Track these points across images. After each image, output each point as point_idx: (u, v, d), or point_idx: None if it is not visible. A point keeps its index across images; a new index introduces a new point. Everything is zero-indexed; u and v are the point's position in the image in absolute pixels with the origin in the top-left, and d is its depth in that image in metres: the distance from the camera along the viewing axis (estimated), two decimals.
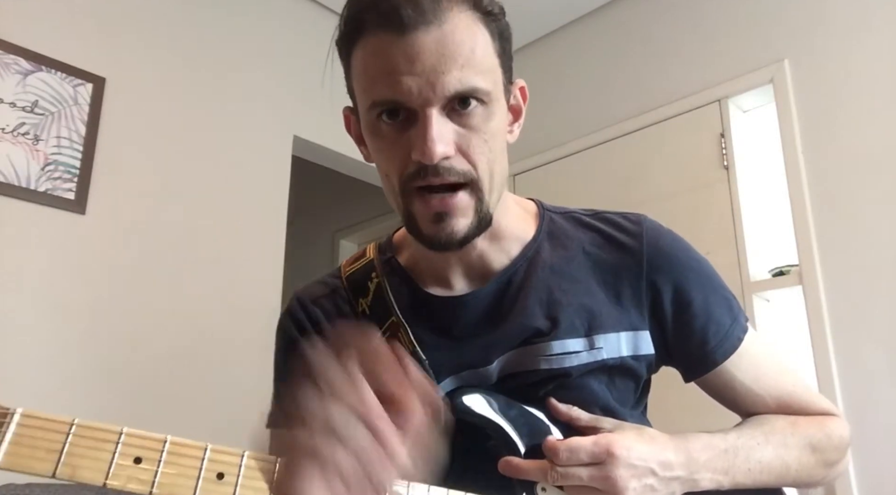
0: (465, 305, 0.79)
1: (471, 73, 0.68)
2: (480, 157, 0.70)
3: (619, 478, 0.66)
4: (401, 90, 0.67)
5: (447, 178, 0.68)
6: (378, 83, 0.69)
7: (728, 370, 0.80)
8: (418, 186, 0.69)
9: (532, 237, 0.82)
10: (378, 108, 0.70)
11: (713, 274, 0.83)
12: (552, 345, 0.75)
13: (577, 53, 2.89)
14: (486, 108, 0.70)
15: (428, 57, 0.66)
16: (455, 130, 0.69)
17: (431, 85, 0.66)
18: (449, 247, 0.71)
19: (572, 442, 0.68)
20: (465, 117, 0.69)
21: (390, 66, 0.67)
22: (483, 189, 0.71)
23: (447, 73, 0.66)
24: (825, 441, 0.80)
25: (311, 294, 0.86)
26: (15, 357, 1.82)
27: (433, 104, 0.67)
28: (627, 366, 0.77)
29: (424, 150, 0.66)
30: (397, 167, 0.71)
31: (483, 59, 0.69)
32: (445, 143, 0.67)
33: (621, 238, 0.81)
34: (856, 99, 2.08)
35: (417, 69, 0.66)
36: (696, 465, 0.71)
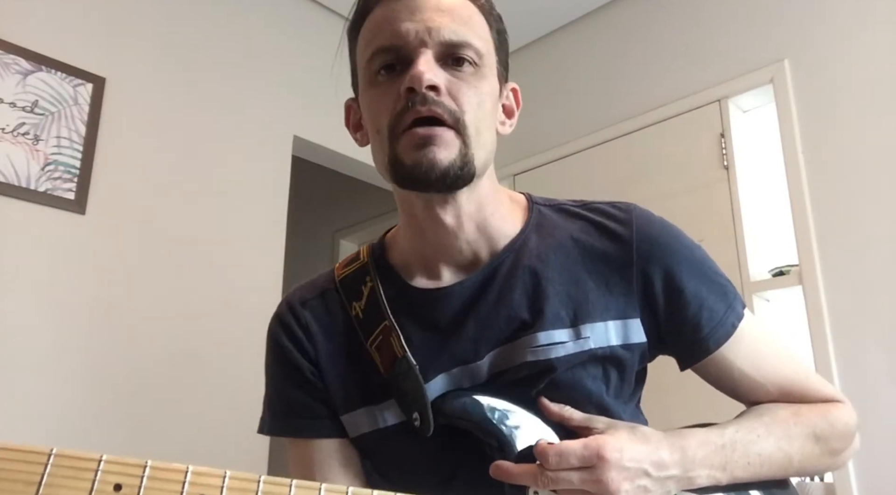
0: (449, 296, 0.78)
1: (466, 30, 0.73)
2: (468, 105, 0.72)
3: (611, 481, 0.65)
4: (399, 33, 0.72)
5: (434, 109, 0.70)
6: (379, 34, 0.74)
7: (725, 357, 0.79)
8: (405, 127, 0.70)
9: (520, 229, 0.81)
10: (378, 57, 0.73)
11: (706, 260, 0.81)
12: (538, 337, 0.74)
13: (577, 53, 2.89)
14: (478, 70, 0.74)
15: (427, 8, 0.73)
16: (446, 76, 0.72)
17: (427, 30, 0.71)
18: (429, 177, 0.70)
19: (562, 446, 0.67)
20: (456, 71, 0.73)
21: (392, 17, 0.73)
22: (469, 135, 0.71)
23: (444, 24, 0.72)
24: (829, 429, 0.78)
25: (300, 298, 0.85)
26: (15, 357, 1.82)
27: (428, 46, 0.71)
28: (618, 356, 0.76)
29: (414, 75, 0.69)
30: (388, 110, 0.72)
31: (479, 29, 0.75)
32: (435, 75, 0.70)
33: (610, 226, 0.80)
34: (856, 98, 2.08)
35: (417, 17, 0.72)
36: (691, 463, 0.70)
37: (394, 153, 0.72)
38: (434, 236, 0.78)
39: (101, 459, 0.48)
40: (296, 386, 0.81)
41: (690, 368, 0.81)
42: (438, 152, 0.69)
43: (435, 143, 0.69)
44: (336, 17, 2.84)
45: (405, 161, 0.71)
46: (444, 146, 0.70)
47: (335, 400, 0.80)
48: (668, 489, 0.69)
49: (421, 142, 0.69)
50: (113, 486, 0.48)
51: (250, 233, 2.41)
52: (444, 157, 0.70)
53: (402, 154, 0.71)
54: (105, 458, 0.48)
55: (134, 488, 0.48)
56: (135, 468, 0.49)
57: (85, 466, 0.48)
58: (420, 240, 0.80)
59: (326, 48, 2.77)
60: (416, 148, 0.70)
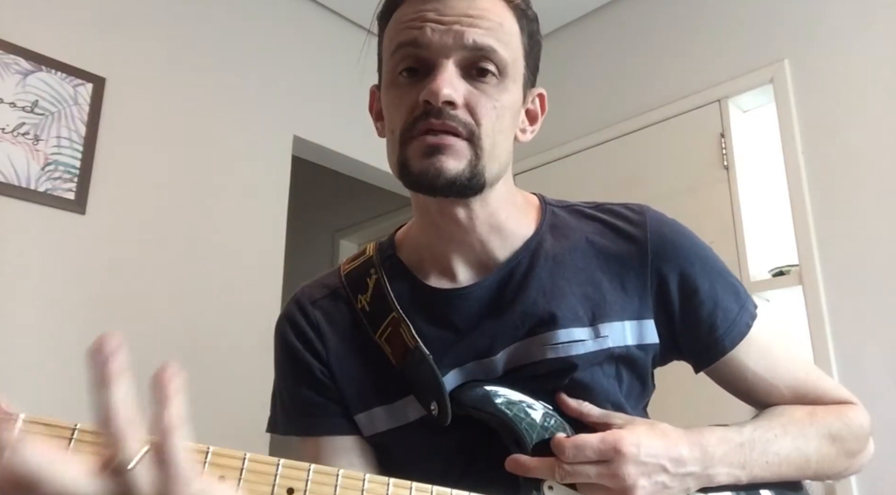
0: (467, 297, 0.78)
1: (493, 38, 0.71)
2: (486, 119, 0.71)
3: (628, 476, 0.65)
4: (424, 37, 0.70)
5: (448, 123, 0.69)
6: (405, 29, 0.72)
7: (739, 358, 0.79)
8: (417, 134, 0.70)
9: (535, 230, 0.81)
10: (401, 51, 0.72)
11: (718, 261, 0.82)
12: (558, 334, 0.74)
13: (576, 53, 2.89)
14: (501, 82, 0.72)
15: (455, 12, 0.71)
16: (467, 88, 0.71)
17: (452, 34, 0.70)
18: (435, 184, 0.70)
19: (579, 439, 0.67)
20: (478, 82, 0.71)
21: (419, 14, 0.71)
22: (483, 147, 0.71)
23: (470, 27, 0.70)
24: (845, 430, 0.78)
25: (309, 296, 0.85)
26: (15, 357, 1.82)
27: (450, 55, 0.70)
28: (633, 356, 0.76)
29: (432, 89, 0.68)
30: (404, 114, 0.72)
31: (507, 36, 0.73)
32: (454, 89, 0.69)
33: (625, 227, 0.80)
34: (856, 99, 2.08)
35: (444, 20, 0.70)
36: (711, 460, 0.69)
37: (403, 156, 0.72)
38: (447, 232, 0.78)
39: None
40: (307, 386, 0.81)
41: (704, 371, 0.81)
42: (446, 161, 0.69)
43: (444, 152, 0.69)
44: (336, 18, 2.84)
45: (413, 167, 0.71)
46: (453, 156, 0.70)
47: (347, 399, 0.80)
48: (687, 486, 0.69)
49: (430, 150, 0.69)
50: None
51: (250, 233, 2.41)
52: (451, 167, 0.69)
53: (411, 159, 0.71)
54: None
55: None
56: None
57: None
58: (434, 237, 0.80)
59: (327, 48, 2.77)
60: (424, 155, 0.70)
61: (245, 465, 0.50)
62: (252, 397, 2.25)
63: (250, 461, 0.51)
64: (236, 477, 0.50)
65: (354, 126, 2.66)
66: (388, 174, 0.78)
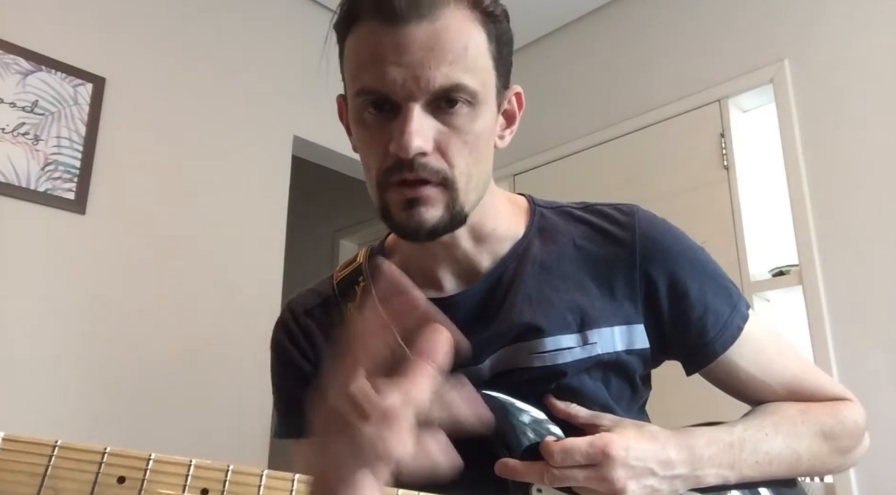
0: (454, 306, 0.77)
1: (459, 71, 0.67)
2: (458, 159, 0.69)
3: (617, 480, 0.65)
4: (385, 81, 0.67)
5: (420, 174, 0.68)
6: (365, 71, 0.68)
7: (731, 359, 0.78)
8: (393, 183, 0.69)
9: (522, 234, 0.81)
10: (363, 97, 0.69)
11: (709, 262, 0.81)
12: (545, 342, 0.74)
13: (577, 53, 2.89)
14: (473, 109, 0.69)
15: (416, 50, 0.66)
16: (436, 128, 0.68)
17: (416, 78, 0.66)
18: (418, 235, 0.70)
19: (567, 443, 0.67)
20: (449, 116, 0.69)
21: (378, 55, 0.67)
22: (458, 189, 0.70)
23: (434, 68, 0.66)
24: (838, 427, 0.78)
25: (303, 305, 0.86)
26: (14, 357, 1.82)
27: (416, 98, 0.67)
28: (622, 362, 0.76)
29: (401, 143, 0.66)
30: (377, 159, 0.71)
31: (475, 59, 0.69)
32: (424, 139, 0.67)
33: (613, 230, 0.79)
34: (856, 99, 2.08)
35: (404, 61, 0.66)
36: (699, 462, 0.69)
37: (383, 203, 0.72)
38: (431, 250, 0.78)
39: (105, 452, 0.49)
40: (300, 389, 0.81)
41: (697, 373, 0.81)
42: (425, 213, 0.69)
43: (422, 204, 0.69)
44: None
45: (394, 218, 0.71)
46: (430, 205, 0.69)
47: None
48: (675, 488, 0.69)
49: (407, 203, 0.69)
50: (116, 478, 0.48)
51: (250, 233, 2.41)
52: (430, 217, 0.69)
53: (392, 209, 0.71)
54: (109, 450, 0.49)
55: (137, 481, 0.48)
56: (138, 461, 0.49)
57: (89, 458, 0.48)
58: (418, 252, 0.80)
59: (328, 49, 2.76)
60: (403, 207, 0.70)
61: (228, 477, 0.50)
62: (252, 397, 2.25)
63: (233, 473, 0.50)
64: (219, 490, 0.49)
65: None
66: None
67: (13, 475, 0.46)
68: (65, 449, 0.47)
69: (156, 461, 0.49)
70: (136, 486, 0.48)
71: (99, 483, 0.48)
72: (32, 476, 0.47)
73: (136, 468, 0.49)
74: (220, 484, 0.50)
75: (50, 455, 0.47)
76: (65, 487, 0.47)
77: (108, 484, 0.48)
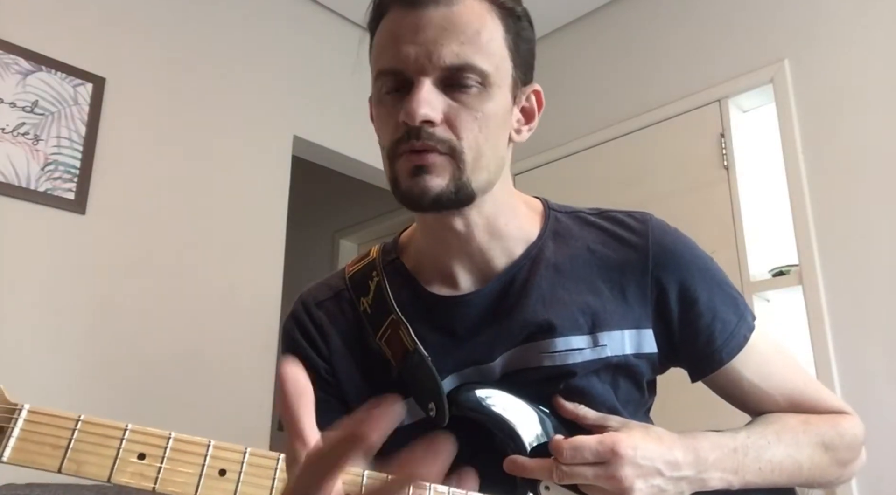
0: (467, 304, 0.79)
1: (470, 50, 0.70)
2: (467, 132, 0.71)
3: (625, 478, 0.65)
4: (400, 57, 0.70)
5: (427, 143, 0.70)
6: (384, 53, 0.72)
7: (735, 368, 0.79)
8: (402, 152, 0.71)
9: (537, 236, 0.82)
10: (381, 79, 0.73)
11: (719, 272, 0.82)
12: (555, 342, 0.74)
13: (577, 53, 2.89)
14: (485, 90, 0.71)
15: (431, 29, 0.70)
16: (447, 103, 0.71)
17: (428, 54, 0.69)
18: (422, 201, 0.71)
19: (577, 440, 0.67)
20: (460, 94, 0.71)
21: (396, 36, 0.71)
22: (465, 161, 0.71)
23: (445, 45, 0.69)
24: (838, 439, 0.79)
25: (315, 298, 0.87)
26: (15, 357, 1.82)
27: (427, 73, 0.70)
28: (630, 365, 0.77)
29: (408, 110, 0.69)
30: (390, 133, 0.73)
31: (488, 43, 0.72)
32: (431, 108, 0.69)
33: (626, 236, 0.80)
34: (856, 98, 2.08)
35: (419, 39, 0.70)
36: (704, 465, 0.70)
37: (393, 174, 0.73)
38: (446, 242, 0.79)
39: (127, 428, 0.50)
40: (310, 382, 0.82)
41: (701, 380, 0.82)
42: (430, 180, 0.70)
43: (427, 171, 0.70)
44: (336, 18, 2.84)
45: (401, 185, 0.72)
46: (435, 173, 0.70)
47: (350, 398, 0.81)
48: (681, 490, 0.69)
49: (414, 169, 0.71)
50: (137, 455, 0.50)
51: (250, 233, 2.41)
52: (435, 185, 0.70)
53: (400, 178, 0.72)
54: (130, 427, 0.50)
55: (157, 458, 0.50)
56: (159, 439, 0.50)
57: (111, 433, 0.50)
58: (434, 246, 0.81)
59: (326, 48, 2.77)
60: (410, 174, 0.71)
61: (246, 459, 0.51)
62: (252, 396, 2.25)
63: (251, 455, 0.52)
64: (237, 471, 0.50)
65: (354, 126, 2.66)
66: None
67: (37, 446, 0.48)
68: (87, 424, 0.49)
69: (176, 440, 0.51)
70: (156, 463, 0.50)
71: (120, 458, 0.49)
72: (56, 448, 0.48)
73: (156, 446, 0.50)
74: (237, 464, 0.51)
75: (73, 429, 0.49)
76: (87, 460, 0.48)
77: (128, 460, 0.49)
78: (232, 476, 0.51)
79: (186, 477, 0.50)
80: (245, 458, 0.52)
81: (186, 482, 0.49)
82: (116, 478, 0.48)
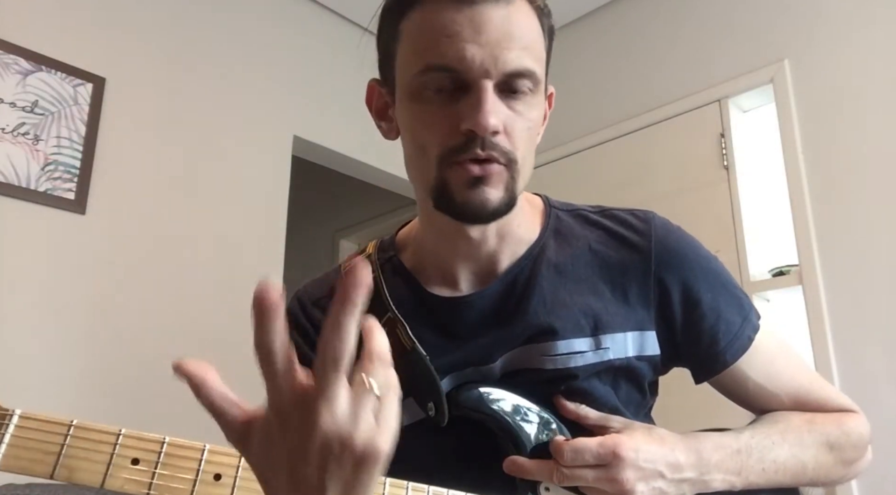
0: (469, 306, 0.78)
1: (529, 57, 0.69)
2: (521, 143, 0.70)
3: (626, 481, 0.65)
4: (462, 57, 0.66)
5: (492, 154, 0.68)
6: (438, 46, 0.67)
7: (740, 369, 0.78)
8: (462, 160, 0.68)
9: (538, 235, 0.81)
10: (432, 74, 0.68)
11: (723, 272, 0.81)
12: (557, 345, 0.74)
13: (576, 53, 2.88)
14: (534, 96, 0.71)
15: (494, 30, 0.66)
16: (505, 113, 0.69)
17: (494, 58, 0.66)
18: (481, 214, 0.69)
19: (578, 442, 0.67)
20: (515, 101, 0.69)
21: (454, 31, 0.66)
22: (518, 171, 0.70)
23: (511, 49, 0.67)
24: (843, 438, 0.78)
25: (311, 295, 0.86)
26: (15, 357, 1.82)
27: (491, 78, 0.67)
28: (632, 367, 0.76)
29: (479, 120, 0.65)
30: (440, 137, 0.69)
31: (539, 49, 0.71)
32: (499, 119, 0.67)
33: (629, 235, 0.79)
34: (856, 99, 2.08)
35: (482, 40, 0.66)
36: (707, 466, 0.70)
37: (443, 181, 0.70)
38: (457, 247, 0.78)
39: (120, 433, 0.50)
40: None
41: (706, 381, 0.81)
42: (490, 192, 0.68)
43: (486, 182, 0.68)
44: (336, 18, 2.83)
45: (456, 197, 0.69)
46: (493, 185, 0.69)
47: None
48: (682, 491, 0.69)
49: (474, 180, 0.68)
50: (130, 460, 0.49)
51: (250, 233, 2.41)
52: (494, 197, 0.69)
53: (454, 187, 0.69)
54: (123, 432, 0.50)
55: (151, 463, 0.50)
56: (153, 444, 0.50)
57: (103, 439, 0.49)
58: (441, 248, 0.79)
59: (327, 48, 2.76)
60: (468, 185, 0.68)
61: (241, 463, 0.51)
62: (252, 397, 2.25)
63: None
64: (232, 475, 0.50)
65: (354, 126, 2.66)
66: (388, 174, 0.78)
67: (29, 452, 0.47)
68: (80, 429, 0.48)
69: (170, 445, 0.51)
70: (150, 468, 0.49)
71: (113, 464, 0.48)
72: (48, 454, 0.47)
73: (150, 451, 0.50)
74: (233, 469, 0.51)
75: (65, 434, 0.48)
76: (79, 466, 0.48)
77: (122, 466, 0.49)
78: (227, 481, 0.50)
79: (181, 483, 0.49)
80: (241, 463, 0.51)
81: (181, 487, 0.49)
82: (110, 484, 0.47)
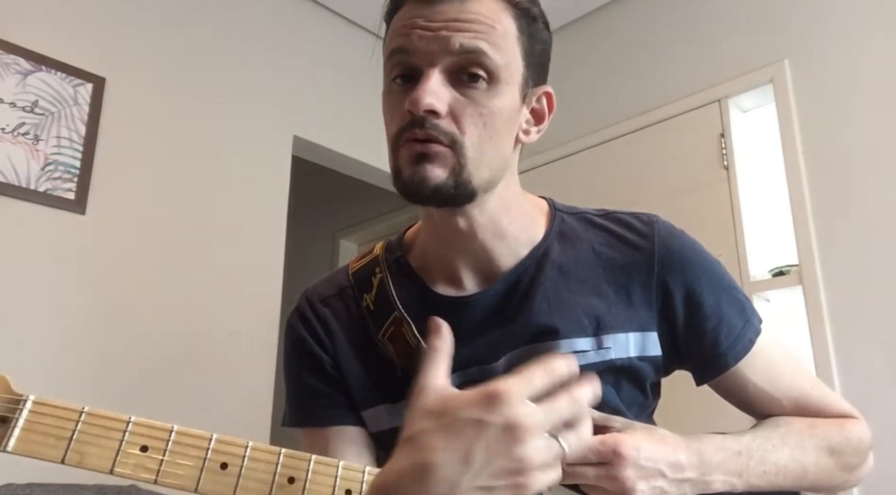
0: (472, 305, 0.78)
1: (481, 41, 0.70)
2: (470, 127, 0.70)
3: (627, 479, 0.65)
4: (410, 41, 0.70)
5: (430, 133, 0.69)
6: (396, 36, 0.72)
7: (741, 372, 0.79)
8: (405, 140, 0.71)
9: (542, 237, 0.81)
10: (392, 64, 0.73)
11: (725, 275, 0.82)
12: (560, 344, 0.74)
13: (576, 53, 2.89)
14: (492, 86, 0.71)
15: (443, 18, 0.70)
16: (453, 96, 0.70)
17: (438, 40, 0.69)
18: (420, 192, 0.70)
19: None
20: (467, 88, 0.71)
21: (409, 21, 0.71)
22: (466, 155, 0.70)
23: (458, 33, 0.69)
24: (844, 443, 0.79)
25: (320, 294, 0.87)
26: (15, 357, 1.82)
27: (436, 62, 0.70)
28: (634, 368, 0.77)
29: (413, 99, 0.68)
30: (396, 122, 0.72)
31: (501, 37, 0.71)
32: (437, 99, 0.69)
33: (632, 238, 0.80)
34: (856, 99, 2.08)
35: (433, 26, 0.70)
36: (708, 467, 0.70)
37: (396, 164, 0.73)
38: (449, 239, 0.79)
39: (130, 420, 0.51)
40: (314, 376, 0.82)
41: (707, 384, 0.82)
42: (431, 170, 0.70)
43: (428, 161, 0.70)
44: (336, 18, 2.84)
45: (403, 174, 0.71)
46: (436, 163, 0.70)
47: (354, 394, 0.81)
48: (683, 491, 0.69)
49: (416, 157, 0.70)
50: (140, 447, 0.50)
51: (250, 233, 2.41)
52: (434, 175, 0.70)
53: (402, 167, 0.72)
54: (133, 420, 0.51)
55: (160, 451, 0.50)
56: (162, 432, 0.51)
57: (114, 426, 0.50)
58: (438, 243, 0.81)
59: (327, 48, 2.77)
60: (411, 162, 0.70)
61: (247, 453, 0.51)
62: (252, 396, 2.25)
63: (252, 449, 0.52)
64: (238, 464, 0.51)
65: (354, 126, 2.67)
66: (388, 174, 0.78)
67: (41, 437, 0.49)
68: (91, 416, 0.50)
69: (178, 433, 0.51)
70: (159, 456, 0.50)
71: (122, 450, 0.50)
72: (59, 439, 0.49)
73: (159, 438, 0.51)
74: (239, 458, 0.52)
75: (77, 420, 0.49)
76: (89, 452, 0.49)
77: (130, 452, 0.50)
78: (233, 469, 0.51)
79: (188, 470, 0.50)
80: (247, 453, 0.52)
81: (188, 475, 0.50)
82: (119, 470, 0.48)
